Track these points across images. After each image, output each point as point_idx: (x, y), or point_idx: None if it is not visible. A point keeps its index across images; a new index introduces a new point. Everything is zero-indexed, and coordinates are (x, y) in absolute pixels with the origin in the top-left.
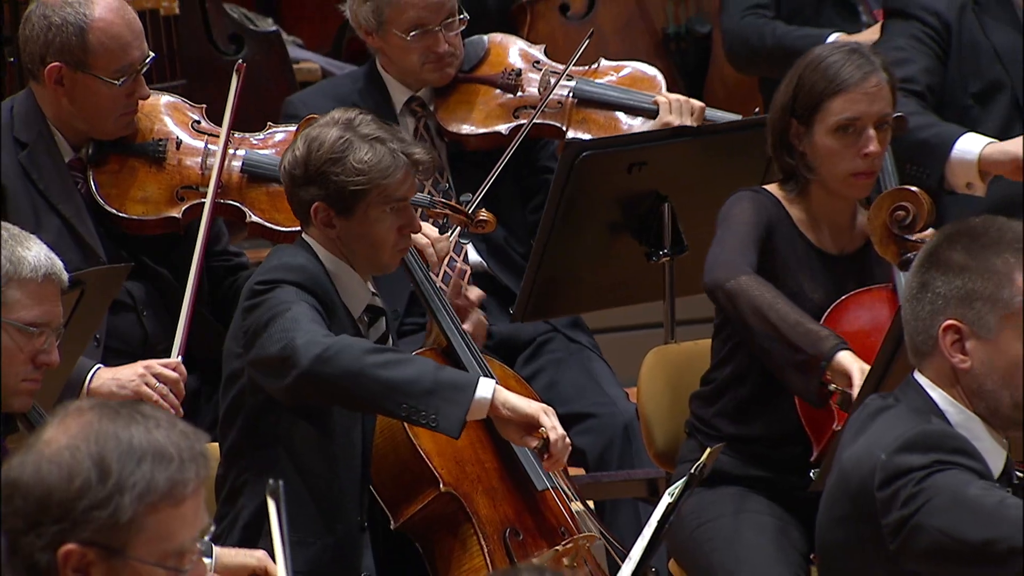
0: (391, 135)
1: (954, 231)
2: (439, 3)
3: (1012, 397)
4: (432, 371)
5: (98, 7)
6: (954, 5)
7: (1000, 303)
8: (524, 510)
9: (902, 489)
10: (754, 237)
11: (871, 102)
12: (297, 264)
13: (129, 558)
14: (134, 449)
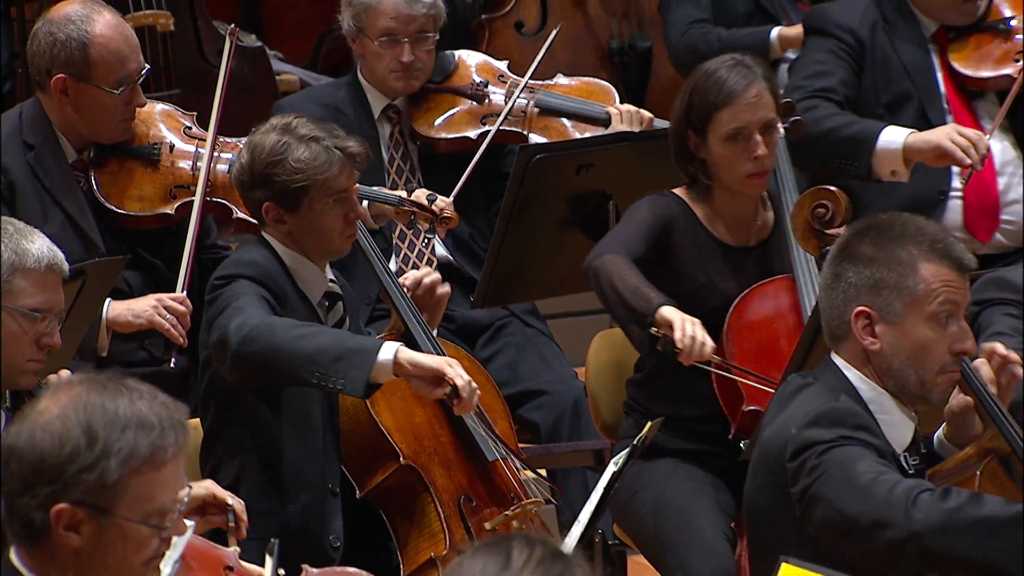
0: (326, 133)
1: (863, 226)
2: (409, 16)
3: (917, 375)
4: (339, 340)
5: (98, 24)
6: (866, 24)
7: (905, 291)
8: (477, 479)
9: (807, 460)
10: (643, 234)
11: (754, 111)
12: (250, 259)
13: (115, 517)
14: (119, 418)
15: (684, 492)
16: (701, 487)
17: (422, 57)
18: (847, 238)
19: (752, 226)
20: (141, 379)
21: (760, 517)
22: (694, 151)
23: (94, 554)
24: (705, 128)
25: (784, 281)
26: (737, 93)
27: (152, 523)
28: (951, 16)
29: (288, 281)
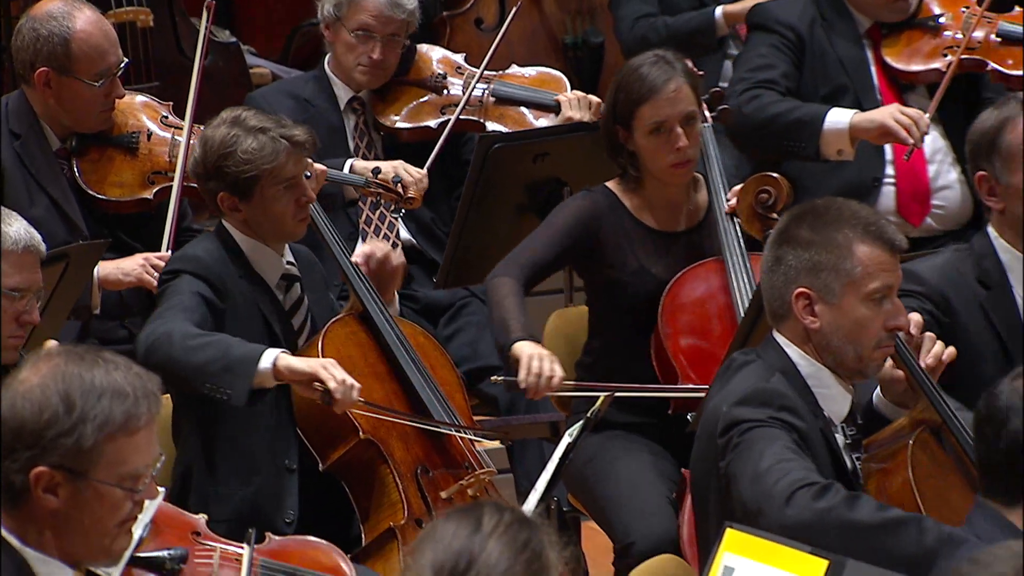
0: (274, 123)
1: (800, 211)
2: (388, 17)
3: (855, 351)
4: (225, 351)
5: (79, 20)
6: (805, 21)
7: (842, 272)
8: (433, 451)
9: (733, 437)
10: (555, 242)
11: (674, 105)
12: (194, 255)
13: (91, 480)
14: (95, 387)
15: (630, 462)
16: (645, 457)
17: (389, 58)
18: (786, 223)
19: (683, 211)
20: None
21: (703, 485)
22: (624, 143)
23: (71, 515)
24: (630, 122)
25: (714, 263)
26: (657, 88)
27: (126, 486)
28: (884, 13)
29: (243, 267)
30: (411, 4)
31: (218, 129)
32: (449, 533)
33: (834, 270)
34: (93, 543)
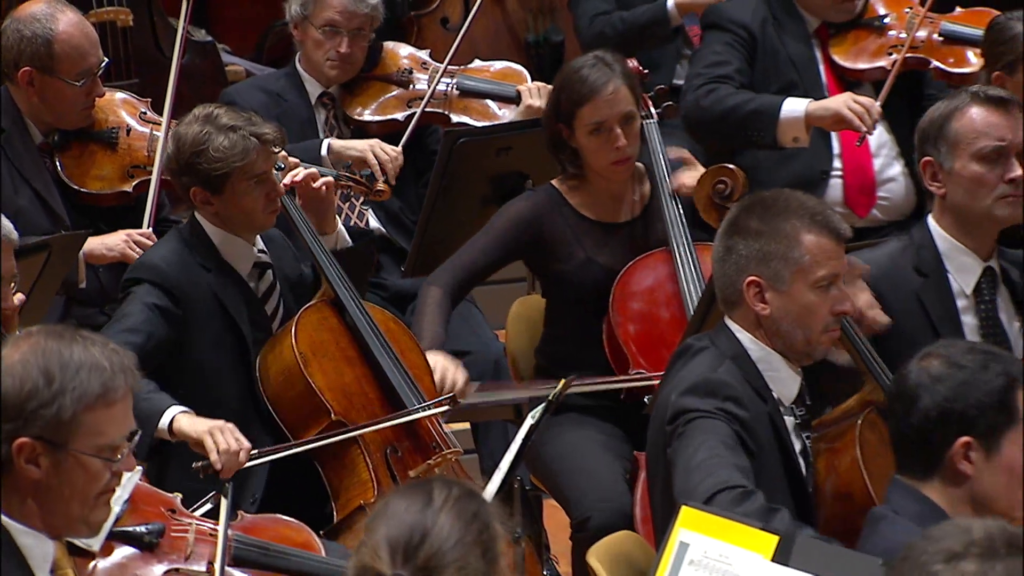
0: (244, 121)
1: (749, 203)
2: (353, 13)
3: (804, 335)
4: (136, 402)
5: (61, 22)
6: (757, 20)
7: (791, 260)
8: (402, 432)
9: (679, 426)
10: (494, 246)
11: (612, 106)
12: (153, 263)
13: (71, 450)
14: (73, 361)
15: (586, 442)
16: (601, 438)
17: (356, 51)
18: (735, 214)
19: (626, 202)
20: None
21: (657, 465)
22: (566, 141)
23: (52, 485)
24: (572, 122)
25: (662, 254)
26: (596, 90)
27: (104, 456)
28: (831, 14)
29: (213, 260)
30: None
31: (191, 126)
32: (401, 509)
33: (783, 259)
34: (74, 513)
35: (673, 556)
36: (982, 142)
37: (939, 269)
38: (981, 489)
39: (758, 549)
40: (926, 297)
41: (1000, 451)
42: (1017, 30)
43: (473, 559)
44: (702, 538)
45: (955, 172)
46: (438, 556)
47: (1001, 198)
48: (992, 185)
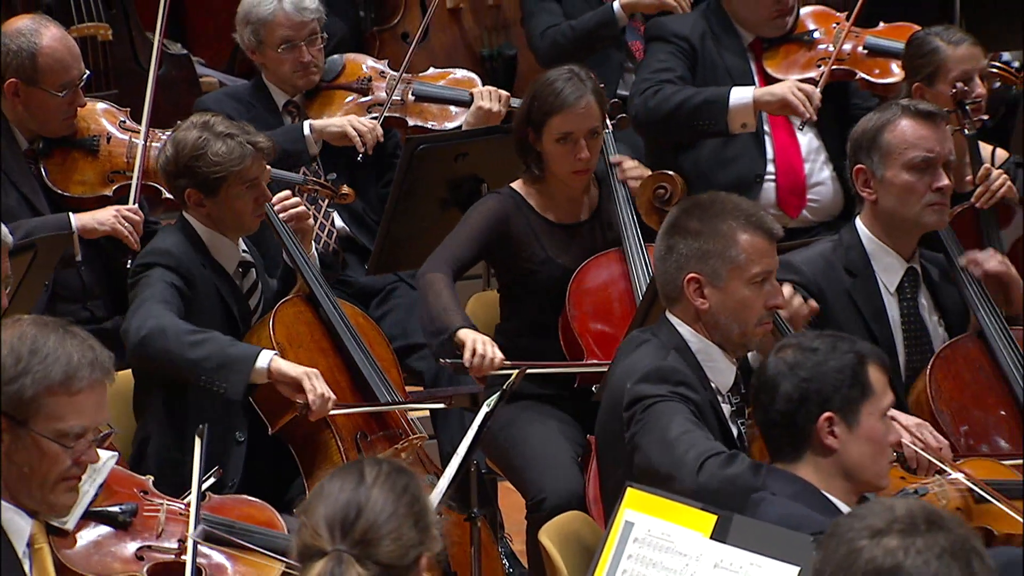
0: (240, 130)
1: (688, 205)
2: (301, 22)
3: (739, 327)
4: (223, 349)
5: (45, 37)
6: (697, 33)
7: (728, 259)
8: (371, 419)
9: (637, 412)
10: (472, 240)
11: (582, 120)
12: (165, 248)
13: (30, 429)
14: (43, 347)
15: (540, 428)
16: (554, 424)
17: (316, 55)
18: (675, 215)
19: (581, 205)
20: None
21: (607, 449)
22: (532, 144)
23: (12, 459)
24: (541, 128)
25: (615, 253)
26: (570, 103)
27: (60, 441)
28: (765, 29)
29: (204, 256)
30: (312, 2)
31: (189, 132)
32: (336, 488)
33: (720, 257)
34: (35, 493)
35: (619, 534)
36: (912, 153)
37: (867, 268)
38: (849, 460)
39: (698, 527)
40: (856, 295)
41: (860, 423)
42: (935, 44)
43: (406, 529)
44: (646, 518)
45: (887, 180)
46: (373, 529)
47: (929, 205)
48: (921, 193)
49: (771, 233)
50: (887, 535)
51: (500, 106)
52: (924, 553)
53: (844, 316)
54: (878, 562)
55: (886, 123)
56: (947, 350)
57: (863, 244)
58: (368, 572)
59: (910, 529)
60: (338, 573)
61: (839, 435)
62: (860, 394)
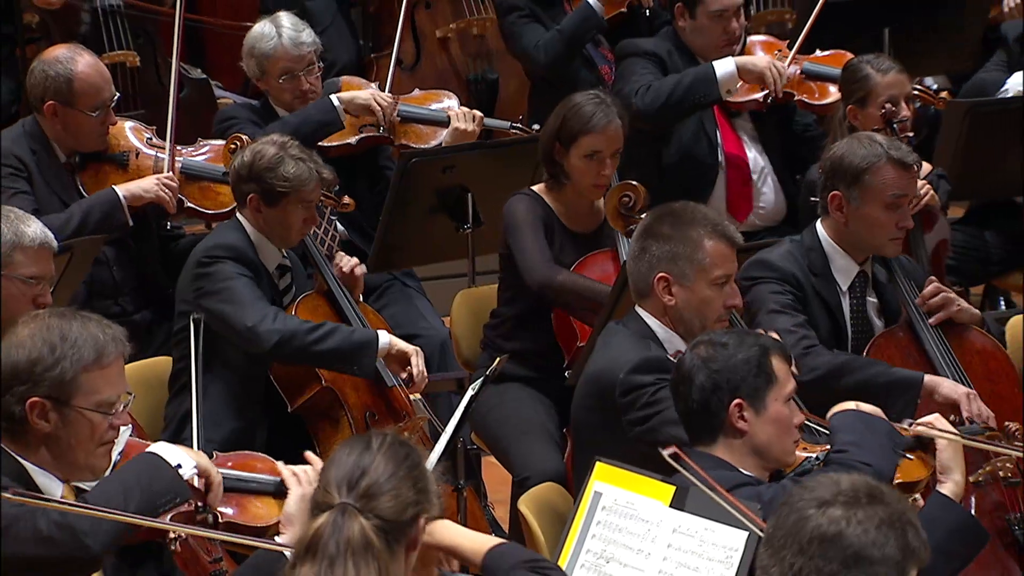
0: (309, 157)
1: (662, 212)
2: (299, 56)
3: (701, 322)
4: (348, 337)
5: (79, 64)
6: (663, 50)
7: (695, 262)
8: (379, 399)
9: (639, 398)
10: (541, 235)
11: (610, 142)
12: (229, 244)
13: (74, 406)
14: (71, 333)
15: (524, 409)
16: (537, 405)
17: (314, 82)
18: (650, 220)
19: (591, 217)
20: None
21: (585, 429)
22: (558, 158)
23: (60, 436)
24: (570, 145)
25: (608, 253)
26: (601, 126)
27: (102, 411)
28: (713, 54)
29: (253, 253)
30: (309, 36)
31: (268, 147)
32: (345, 454)
33: (688, 260)
34: (80, 460)
35: (589, 504)
36: (889, 194)
37: (825, 268)
38: (758, 441)
39: (658, 497)
40: (820, 290)
41: (766, 408)
42: (867, 71)
43: (405, 489)
44: (613, 488)
45: (862, 212)
46: (375, 487)
47: (892, 239)
48: (889, 229)
49: (733, 241)
50: (832, 506)
51: (474, 126)
52: (864, 523)
53: (811, 307)
54: (823, 529)
55: (871, 165)
56: (881, 338)
57: (823, 247)
58: (369, 523)
59: (853, 501)
60: (341, 522)
61: (748, 419)
62: (765, 382)
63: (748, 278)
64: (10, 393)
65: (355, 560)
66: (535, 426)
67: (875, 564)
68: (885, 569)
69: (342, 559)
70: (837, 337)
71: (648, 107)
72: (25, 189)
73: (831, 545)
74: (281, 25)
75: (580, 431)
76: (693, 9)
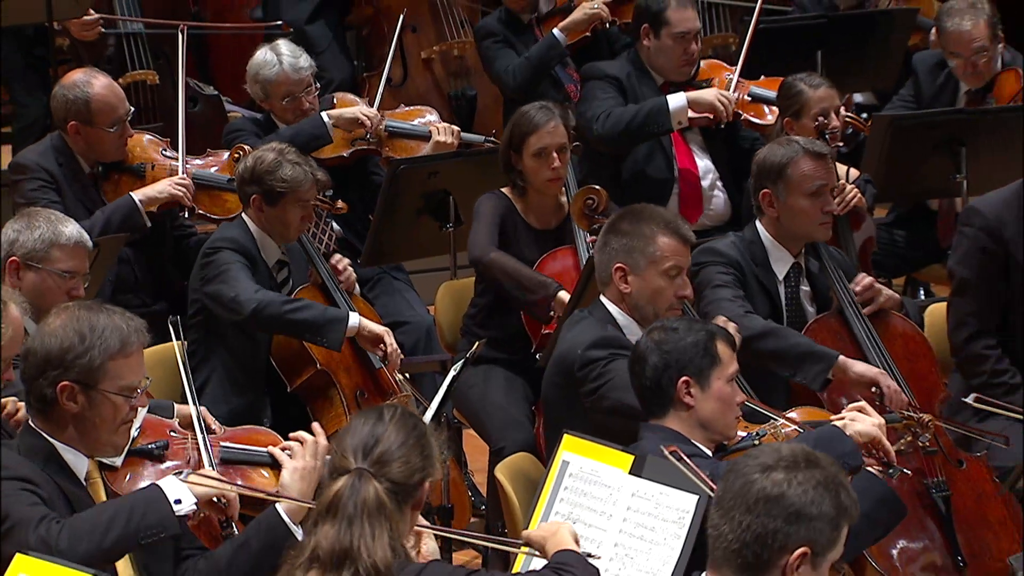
0: (305, 161)
1: (624, 211)
2: (299, 79)
3: (654, 310)
4: (321, 311)
5: (95, 86)
6: (623, 74)
7: (648, 255)
8: (368, 379)
9: (591, 371)
10: (493, 228)
11: (553, 137)
12: (231, 236)
13: (100, 391)
14: (99, 325)
15: (499, 387)
16: (510, 384)
17: (311, 101)
18: (614, 218)
19: (554, 213)
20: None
21: (554, 405)
22: (515, 164)
23: (86, 417)
24: (520, 149)
25: (568, 249)
26: (541, 125)
27: (124, 394)
28: (673, 75)
29: (255, 249)
30: (306, 60)
31: (268, 153)
32: (361, 424)
33: (642, 253)
34: (103, 437)
35: (558, 471)
36: (809, 184)
37: (764, 260)
38: (703, 415)
39: (619, 465)
40: (761, 278)
41: (711, 385)
42: (800, 87)
43: (413, 457)
44: (579, 458)
45: (789, 204)
46: (387, 454)
47: (820, 224)
48: (815, 215)
49: (685, 238)
50: (775, 470)
51: (452, 139)
52: (803, 484)
53: (751, 292)
54: (768, 491)
55: (790, 160)
56: (815, 323)
57: (763, 242)
58: (382, 487)
59: (792, 466)
60: (358, 485)
61: (695, 395)
62: (710, 363)
63: (697, 263)
64: (43, 377)
65: (370, 520)
66: (509, 402)
67: (813, 520)
68: (822, 524)
69: (359, 518)
70: (775, 321)
71: (608, 133)
72: (55, 199)
73: (775, 504)
74: (281, 53)
75: (549, 407)
76: (658, 31)
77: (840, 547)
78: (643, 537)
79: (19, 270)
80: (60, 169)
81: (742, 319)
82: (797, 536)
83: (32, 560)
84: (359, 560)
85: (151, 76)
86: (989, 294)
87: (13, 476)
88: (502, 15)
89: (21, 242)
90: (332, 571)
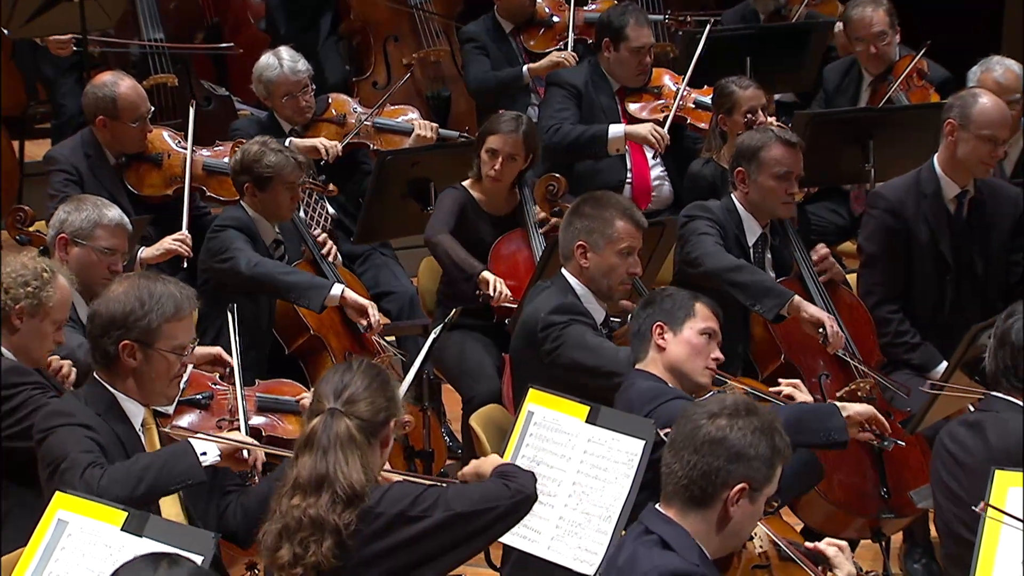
0: (286, 149)
1: (587, 197)
2: (297, 81)
3: (607, 284)
4: (309, 278)
5: (121, 86)
6: (582, 81)
7: (606, 235)
8: (355, 343)
9: (551, 332)
10: (451, 216)
11: (505, 144)
12: (235, 217)
13: (157, 349)
14: (157, 292)
15: (472, 347)
16: (480, 345)
17: (308, 100)
18: (578, 203)
19: (506, 202)
20: None
21: (521, 363)
22: (477, 152)
23: (143, 371)
24: (481, 143)
25: (520, 232)
26: (501, 130)
27: (176, 353)
28: (629, 81)
29: (255, 231)
30: (303, 64)
31: (253, 146)
32: (332, 373)
33: (600, 233)
34: (157, 389)
35: (524, 420)
36: (778, 167)
37: (738, 227)
38: (673, 357)
39: (577, 415)
40: (739, 239)
41: (682, 331)
42: (731, 88)
43: (378, 398)
44: (542, 409)
45: (759, 183)
46: (355, 395)
47: (783, 203)
48: (780, 195)
49: (639, 223)
50: (719, 417)
51: (432, 134)
52: (743, 429)
53: (730, 247)
54: (712, 435)
55: (764, 144)
56: (779, 282)
57: (737, 211)
58: (352, 423)
59: (734, 413)
60: (331, 422)
61: (667, 339)
62: (685, 314)
63: (687, 215)
64: (107, 336)
65: (343, 449)
66: (479, 360)
67: (751, 460)
68: (759, 464)
69: (333, 449)
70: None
71: (555, 145)
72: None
73: (718, 446)
74: (281, 57)
75: (517, 365)
76: (618, 45)
77: (775, 484)
78: (597, 476)
79: (67, 246)
80: (87, 161)
81: (720, 253)
82: (737, 473)
83: (71, 498)
84: (336, 483)
85: (171, 79)
86: (893, 266)
87: (78, 423)
88: (487, 22)
89: (70, 221)
90: (312, 494)
